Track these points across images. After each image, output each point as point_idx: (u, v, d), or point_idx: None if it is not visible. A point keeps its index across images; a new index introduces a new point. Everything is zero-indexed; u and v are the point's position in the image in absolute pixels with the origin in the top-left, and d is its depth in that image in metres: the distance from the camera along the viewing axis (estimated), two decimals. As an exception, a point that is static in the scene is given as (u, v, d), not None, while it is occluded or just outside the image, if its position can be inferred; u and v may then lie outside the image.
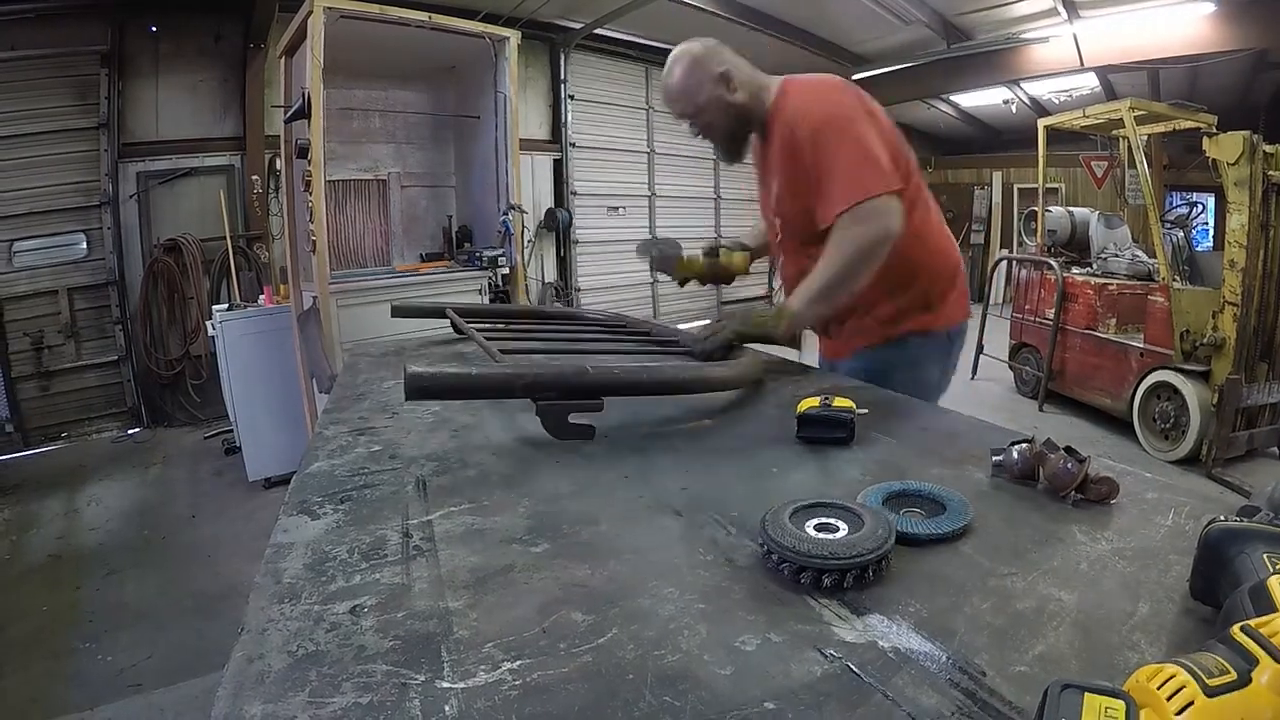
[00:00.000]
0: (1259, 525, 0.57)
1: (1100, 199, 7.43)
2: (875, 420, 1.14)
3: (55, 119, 5.28)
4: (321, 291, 3.42)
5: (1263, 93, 8.35)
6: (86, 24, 5.29)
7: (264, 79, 5.77)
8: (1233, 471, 4.04)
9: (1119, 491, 0.81)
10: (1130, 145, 5.37)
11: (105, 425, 5.68)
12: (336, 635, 0.58)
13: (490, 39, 3.96)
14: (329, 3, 3.18)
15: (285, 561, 0.72)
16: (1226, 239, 4.00)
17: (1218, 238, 6.88)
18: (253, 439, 4.27)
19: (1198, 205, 5.99)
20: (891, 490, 0.81)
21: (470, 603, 0.63)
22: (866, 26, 7.76)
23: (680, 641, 0.57)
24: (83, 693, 2.37)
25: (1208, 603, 0.58)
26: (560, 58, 7.81)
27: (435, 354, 1.86)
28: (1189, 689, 0.37)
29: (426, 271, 4.23)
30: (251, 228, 6.07)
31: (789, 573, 0.65)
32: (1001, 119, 11.74)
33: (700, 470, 0.96)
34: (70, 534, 3.73)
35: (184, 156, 5.82)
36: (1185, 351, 4.25)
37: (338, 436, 1.15)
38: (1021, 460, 0.86)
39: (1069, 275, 5.34)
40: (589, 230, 8.26)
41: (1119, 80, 8.77)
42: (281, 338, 4.24)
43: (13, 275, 5.28)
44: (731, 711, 0.48)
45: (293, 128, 3.70)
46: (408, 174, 4.68)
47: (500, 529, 0.75)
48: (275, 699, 0.50)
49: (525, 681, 0.52)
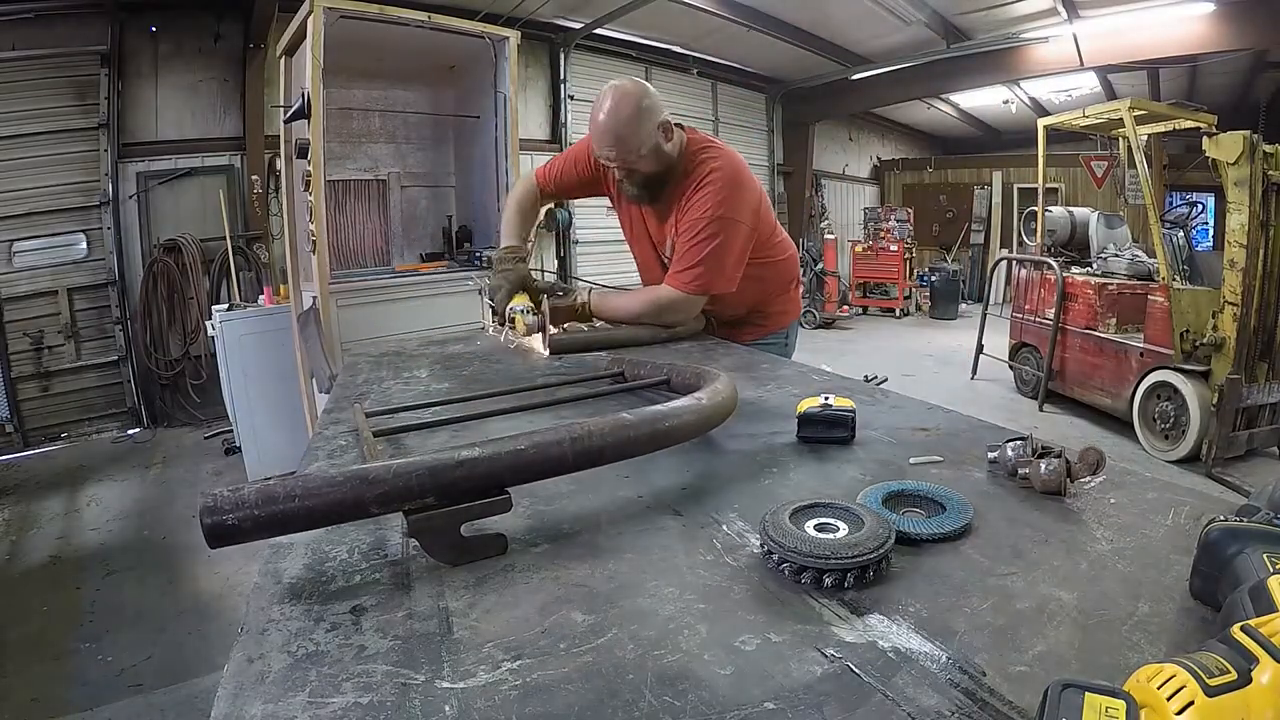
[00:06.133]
0: (1259, 525, 0.57)
1: (1100, 199, 7.44)
2: (876, 420, 1.14)
3: (55, 119, 5.28)
4: (321, 291, 3.43)
5: (1262, 92, 8.36)
6: (86, 24, 5.30)
7: (264, 79, 5.77)
8: (1233, 471, 4.04)
9: (1105, 460, 0.81)
10: (1130, 145, 5.38)
11: (105, 425, 5.68)
12: (336, 635, 0.58)
13: (490, 39, 3.97)
14: (329, 3, 3.18)
15: (285, 561, 0.72)
16: (1226, 239, 4.00)
17: (1218, 238, 6.88)
18: (253, 439, 4.28)
19: (1198, 205, 5.99)
20: (891, 490, 0.81)
21: (470, 603, 0.63)
22: (866, 26, 7.77)
23: (680, 641, 0.57)
24: (83, 693, 2.38)
25: (1207, 603, 0.58)
26: (560, 58, 7.81)
27: (434, 354, 1.85)
28: (1189, 688, 0.37)
29: (426, 271, 4.23)
30: (251, 228, 6.08)
31: (789, 573, 0.65)
32: (1001, 119, 11.77)
33: (700, 470, 0.96)
34: (70, 534, 3.73)
35: (184, 156, 5.83)
36: (1185, 351, 4.25)
37: (338, 436, 1.15)
38: (1016, 457, 0.86)
39: (1069, 275, 5.35)
40: (589, 230, 8.27)
41: (1119, 80, 8.78)
42: (281, 338, 4.24)
43: (13, 275, 5.29)
44: (731, 711, 0.48)
45: (293, 128, 3.70)
46: (407, 174, 4.67)
47: (500, 528, 0.75)
48: (275, 699, 0.50)
49: (525, 681, 0.52)
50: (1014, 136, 12.02)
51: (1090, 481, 0.85)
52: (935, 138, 13.97)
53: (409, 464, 0.70)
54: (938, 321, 10.12)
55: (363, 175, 4.50)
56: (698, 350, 1.80)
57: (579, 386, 1.37)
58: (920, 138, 13.92)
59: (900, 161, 13.16)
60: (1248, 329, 4.00)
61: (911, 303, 10.62)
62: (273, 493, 0.65)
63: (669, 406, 0.90)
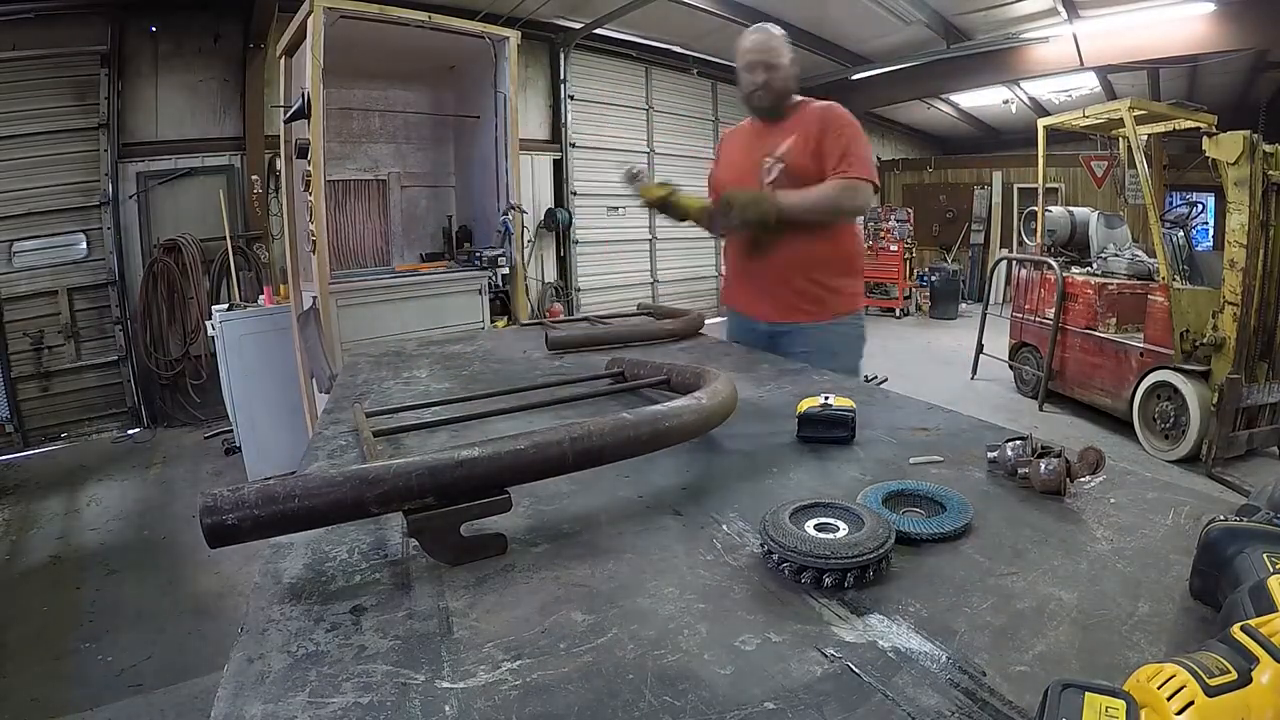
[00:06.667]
0: (1259, 525, 0.57)
1: (1100, 199, 7.44)
2: (876, 420, 1.14)
3: (55, 119, 5.28)
4: (321, 291, 3.43)
5: (1262, 92, 8.35)
6: (86, 24, 5.29)
7: (264, 79, 5.77)
8: (1233, 471, 4.04)
9: (1104, 460, 0.81)
10: (1130, 145, 5.38)
11: (105, 425, 5.68)
12: (336, 635, 0.58)
13: (490, 39, 3.97)
14: (329, 3, 3.19)
15: (285, 561, 0.72)
16: (1226, 239, 4.00)
17: (1218, 237, 6.88)
18: (253, 439, 4.27)
19: (1198, 205, 5.99)
20: (891, 490, 0.81)
21: (470, 603, 0.63)
22: (866, 26, 7.77)
23: (680, 641, 0.57)
24: (83, 693, 2.37)
25: (1207, 602, 0.58)
26: (560, 57, 7.81)
27: (434, 354, 1.85)
28: (1189, 688, 0.37)
29: (426, 271, 4.23)
30: (251, 228, 6.07)
31: (789, 573, 0.65)
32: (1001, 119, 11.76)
33: (700, 470, 0.96)
34: (70, 534, 3.73)
35: (184, 156, 5.82)
36: (1185, 351, 4.25)
37: (338, 436, 1.15)
38: (1015, 457, 0.86)
39: (1069, 275, 5.34)
40: (589, 230, 8.27)
41: (1119, 80, 8.78)
42: (281, 338, 4.24)
43: (13, 275, 5.28)
44: (731, 711, 0.48)
45: (293, 128, 3.70)
46: (408, 174, 4.68)
47: (500, 528, 0.75)
48: (275, 699, 0.51)
49: (525, 681, 0.52)
50: (1014, 136, 12.00)
51: (1090, 481, 0.85)
52: (935, 138, 13.96)
53: (409, 464, 0.70)
54: (938, 321, 10.11)
55: (363, 175, 4.51)
56: (698, 350, 1.80)
57: (579, 386, 1.37)
58: (920, 138, 13.91)
59: (900, 161, 13.15)
60: (1248, 329, 3.99)
61: (911, 303, 10.61)
62: (273, 493, 0.65)
63: (669, 406, 0.90)
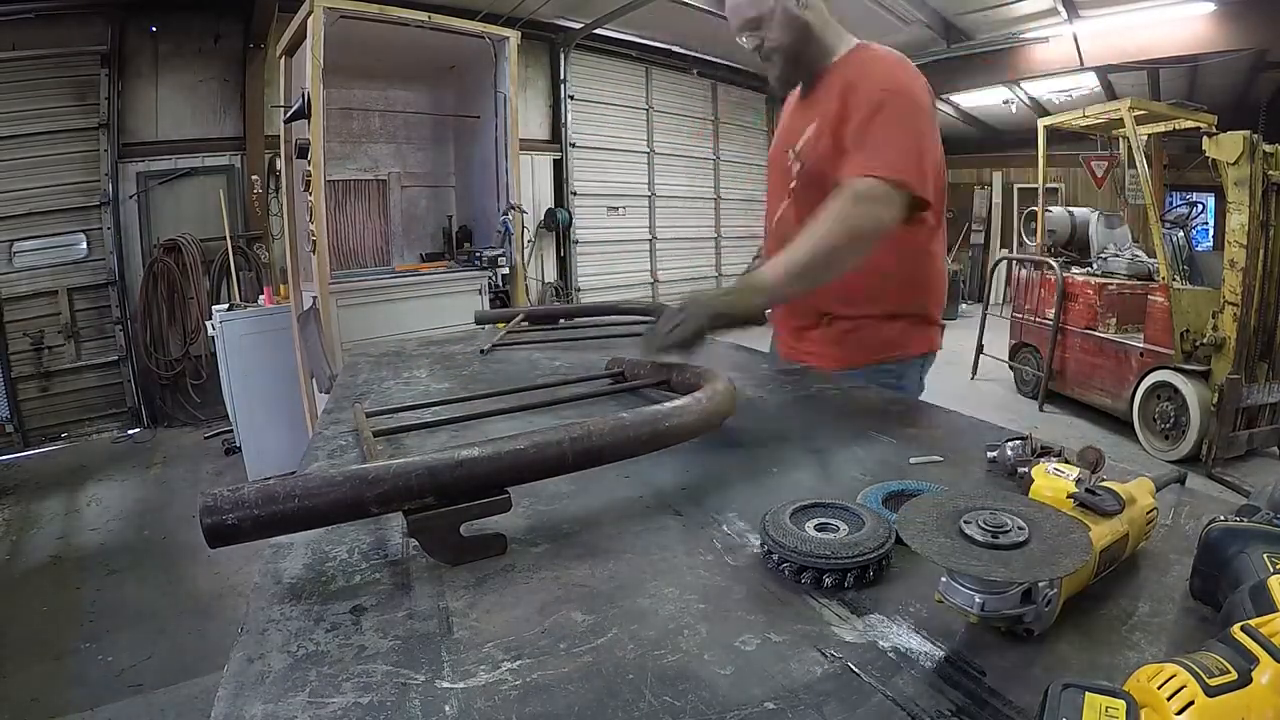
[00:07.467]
0: (1259, 525, 0.57)
1: (1100, 199, 7.44)
2: (875, 420, 1.14)
3: (55, 119, 5.29)
4: (321, 291, 3.43)
5: (1262, 92, 8.35)
6: (86, 24, 5.30)
7: (264, 79, 5.77)
8: (1233, 471, 4.04)
9: (1104, 460, 0.81)
10: (1130, 145, 5.38)
11: (105, 425, 5.68)
12: (336, 635, 0.58)
13: (490, 39, 3.97)
14: (329, 3, 3.19)
15: (285, 561, 0.72)
16: (1226, 239, 4.00)
17: (1218, 238, 6.88)
18: (253, 439, 4.28)
19: (1198, 205, 6.00)
20: (891, 490, 0.81)
21: (470, 603, 0.63)
22: (866, 26, 7.69)
23: (680, 641, 0.57)
24: (83, 693, 2.37)
25: (1208, 603, 0.58)
26: (560, 58, 7.81)
27: (433, 354, 1.85)
28: (1189, 688, 0.37)
29: (426, 271, 4.24)
30: (251, 228, 6.08)
31: (789, 573, 0.65)
32: (1001, 119, 11.74)
33: (700, 470, 0.96)
34: (70, 534, 3.73)
35: (184, 156, 5.83)
36: (1185, 351, 4.25)
37: (338, 436, 1.15)
38: (1015, 457, 0.86)
39: (1069, 275, 5.35)
40: (589, 230, 8.27)
41: (1119, 80, 8.77)
42: (281, 338, 4.24)
43: (13, 275, 5.29)
44: (731, 711, 0.48)
45: (293, 128, 3.70)
46: (408, 174, 4.68)
47: (500, 528, 0.75)
48: (275, 699, 0.50)
49: (525, 681, 0.52)
50: (1014, 136, 11.99)
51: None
52: (935, 138, 13.97)
53: (409, 464, 0.69)
54: (938, 321, 10.12)
55: (363, 175, 4.51)
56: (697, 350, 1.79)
57: (579, 386, 1.37)
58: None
59: (900, 161, 13.17)
60: (1248, 329, 4.00)
61: (912, 303, 10.63)
62: (273, 493, 0.65)
63: (669, 406, 0.90)
